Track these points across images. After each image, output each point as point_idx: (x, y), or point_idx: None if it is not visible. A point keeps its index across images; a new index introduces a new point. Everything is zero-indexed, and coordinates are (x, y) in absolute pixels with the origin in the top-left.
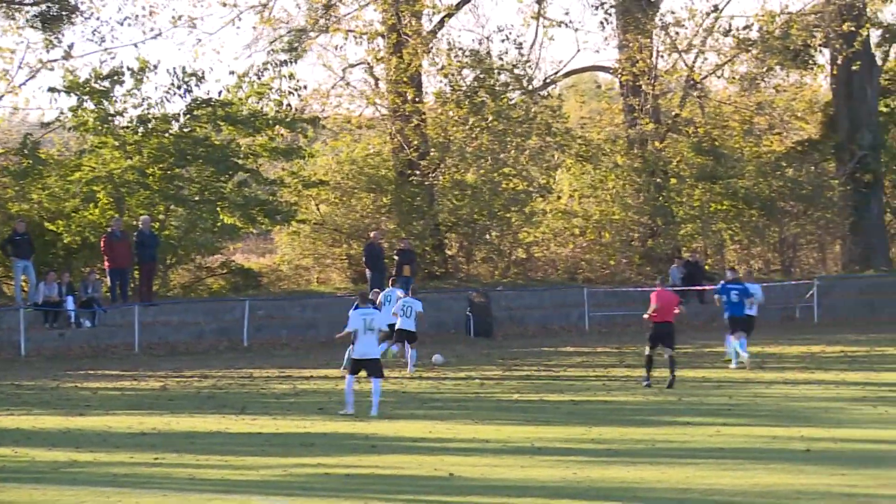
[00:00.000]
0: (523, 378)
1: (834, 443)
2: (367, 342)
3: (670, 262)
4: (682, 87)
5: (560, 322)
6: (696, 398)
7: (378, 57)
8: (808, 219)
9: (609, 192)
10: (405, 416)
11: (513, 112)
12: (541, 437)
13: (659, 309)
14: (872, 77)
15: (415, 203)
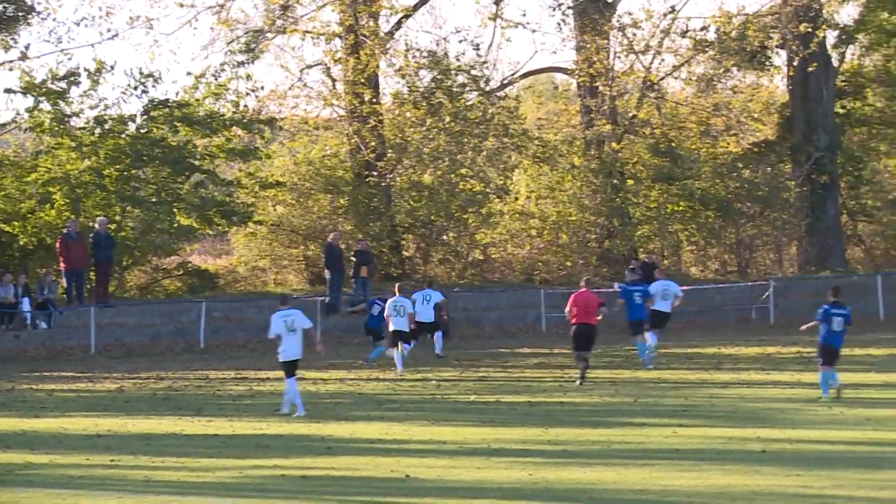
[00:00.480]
0: (480, 379)
1: (789, 444)
2: (291, 343)
3: (627, 263)
4: (639, 89)
5: (517, 323)
6: (653, 399)
7: (335, 58)
8: (764, 220)
9: (566, 194)
10: (361, 417)
11: (470, 113)
12: (497, 439)
13: (579, 311)
14: (829, 78)
15: (372, 204)
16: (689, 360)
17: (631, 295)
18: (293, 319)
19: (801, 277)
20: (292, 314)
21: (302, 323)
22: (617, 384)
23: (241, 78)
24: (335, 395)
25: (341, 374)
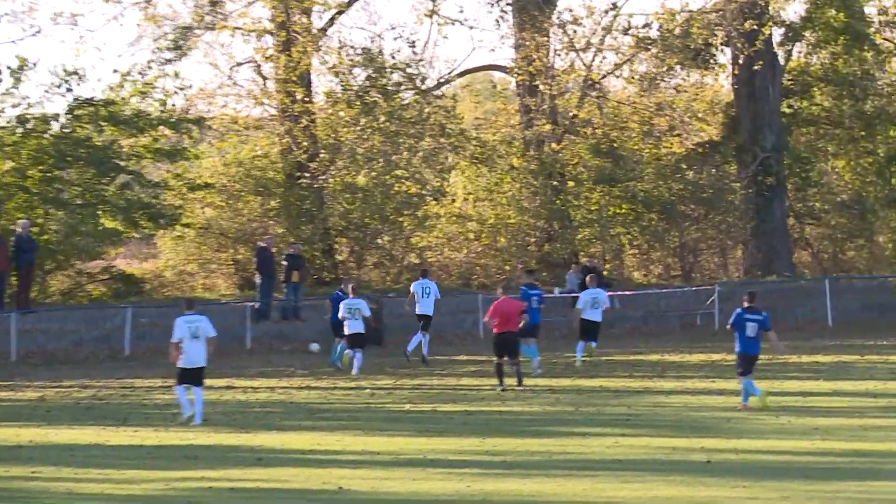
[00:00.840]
0: (415, 388)
1: (735, 454)
2: (193, 350)
3: (567, 268)
4: (580, 87)
5: (454, 329)
6: (594, 408)
7: (266, 55)
8: (708, 223)
9: (505, 196)
10: (292, 427)
11: (405, 112)
12: (433, 449)
13: (501, 319)
14: (775, 77)
15: (304, 206)
16: (632, 368)
17: (530, 299)
18: (198, 326)
19: (747, 282)
20: (198, 320)
21: (206, 331)
22: (557, 392)
23: (168, 76)
24: (265, 403)
25: (272, 382)
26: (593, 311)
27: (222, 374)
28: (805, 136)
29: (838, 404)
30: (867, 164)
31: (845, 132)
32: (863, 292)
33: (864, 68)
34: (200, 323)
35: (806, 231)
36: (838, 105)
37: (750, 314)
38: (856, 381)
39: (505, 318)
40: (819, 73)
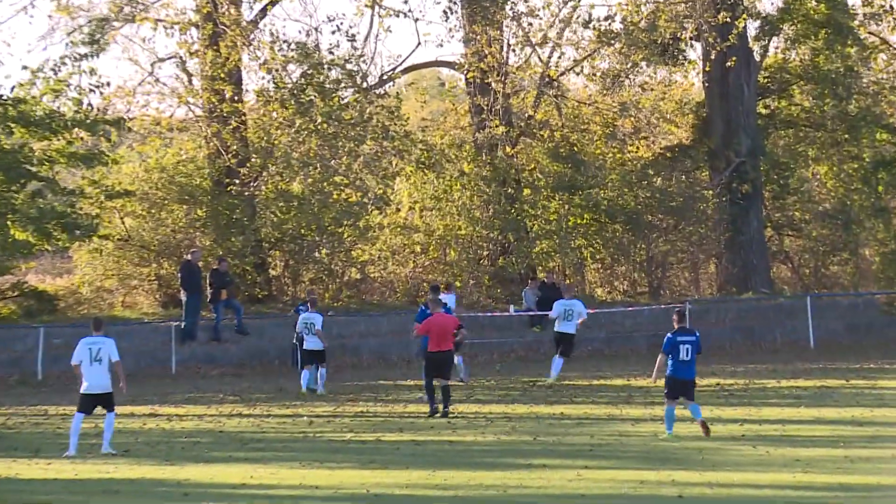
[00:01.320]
0: (357, 415)
1: (709, 488)
2: (95, 374)
3: (524, 284)
4: (537, 86)
5: (399, 351)
6: (554, 437)
7: (191, 50)
8: (678, 234)
9: (454, 204)
10: (223, 459)
11: (345, 113)
12: (378, 483)
13: (435, 336)
14: (750, 74)
15: (234, 216)
16: (596, 393)
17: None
18: (100, 348)
19: (721, 300)
20: (101, 342)
21: (110, 354)
22: (513, 420)
23: (83, 73)
24: (193, 433)
25: (200, 409)
26: (567, 322)
27: (145, 401)
28: (783, 139)
29: (821, 433)
30: (851, 171)
31: (827, 135)
32: (847, 311)
33: (848, 65)
34: (103, 345)
35: (785, 244)
36: (819, 105)
37: (682, 336)
38: (840, 409)
39: (440, 334)
40: (798, 71)
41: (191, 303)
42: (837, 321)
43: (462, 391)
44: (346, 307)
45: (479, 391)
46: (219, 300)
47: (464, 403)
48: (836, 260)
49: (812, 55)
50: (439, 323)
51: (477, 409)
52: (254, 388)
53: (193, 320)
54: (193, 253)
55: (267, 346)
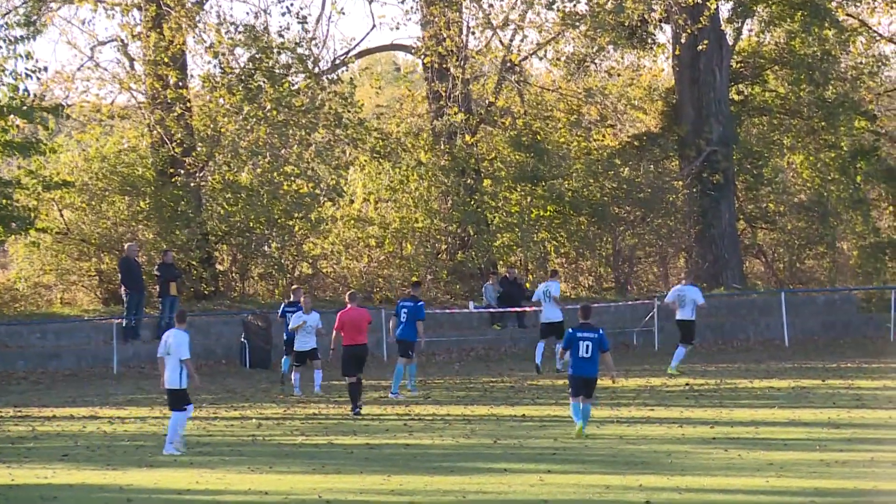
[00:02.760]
0: (309, 417)
1: (678, 493)
2: (167, 368)
3: (484, 279)
4: (498, 71)
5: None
6: (515, 440)
7: (134, 33)
8: (646, 227)
9: (411, 196)
10: (167, 463)
11: (296, 100)
12: (330, 488)
13: (348, 331)
14: (722, 59)
15: (178, 208)
16: (559, 394)
17: (399, 311)
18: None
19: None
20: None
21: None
22: (473, 422)
23: (19, 56)
24: (136, 436)
25: (143, 411)
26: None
27: (86, 402)
28: (757, 127)
29: (796, 436)
30: (828, 160)
31: (803, 123)
32: (824, 307)
33: (825, 49)
34: (174, 339)
35: (758, 237)
36: (795, 91)
37: (582, 332)
38: (816, 410)
39: (352, 329)
40: (773, 55)
41: (132, 299)
42: (813, 318)
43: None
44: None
45: (437, 392)
46: (167, 295)
47: (421, 405)
48: (811, 254)
49: (787, 38)
50: (351, 317)
51: (434, 410)
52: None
53: (136, 317)
54: (130, 248)
55: (214, 346)
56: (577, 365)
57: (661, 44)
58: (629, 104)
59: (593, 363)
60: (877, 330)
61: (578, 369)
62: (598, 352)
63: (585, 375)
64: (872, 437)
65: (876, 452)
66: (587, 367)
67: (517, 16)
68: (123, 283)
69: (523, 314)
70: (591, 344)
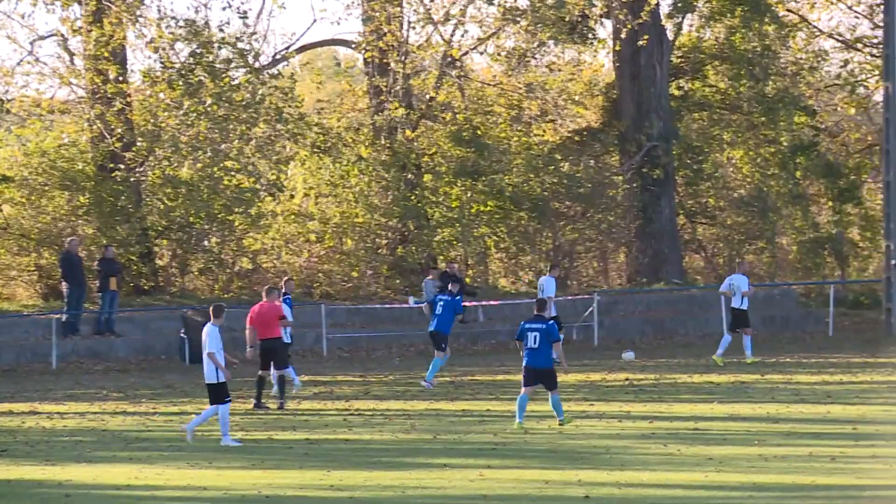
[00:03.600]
0: (248, 413)
1: (618, 488)
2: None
3: (424, 274)
4: (438, 66)
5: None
6: (456, 435)
7: (74, 28)
8: (587, 222)
9: (351, 191)
10: (106, 458)
11: (236, 94)
12: (270, 484)
13: (258, 325)
14: (663, 54)
15: (118, 203)
16: (499, 389)
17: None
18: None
19: (631, 291)
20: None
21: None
22: (412, 417)
23: None
24: (75, 432)
25: (82, 406)
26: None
27: (24, 398)
28: (697, 122)
29: (735, 430)
30: (768, 155)
31: (743, 118)
32: (763, 303)
33: (765, 44)
34: (205, 333)
35: (698, 232)
36: (735, 87)
37: (531, 323)
38: (755, 404)
39: (262, 323)
40: (713, 50)
41: (72, 294)
42: (752, 313)
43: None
44: (237, 299)
45: (377, 386)
46: (107, 290)
47: (360, 400)
48: (751, 249)
49: (728, 34)
50: (260, 312)
51: (374, 405)
52: (139, 384)
53: (76, 313)
54: (72, 242)
55: (153, 341)
56: (528, 355)
57: (602, 39)
58: (570, 99)
59: (543, 354)
60: (816, 324)
61: (529, 360)
62: (546, 342)
63: (535, 366)
64: (811, 432)
65: (814, 447)
66: (536, 357)
67: (458, 11)
68: (64, 278)
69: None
70: (539, 335)
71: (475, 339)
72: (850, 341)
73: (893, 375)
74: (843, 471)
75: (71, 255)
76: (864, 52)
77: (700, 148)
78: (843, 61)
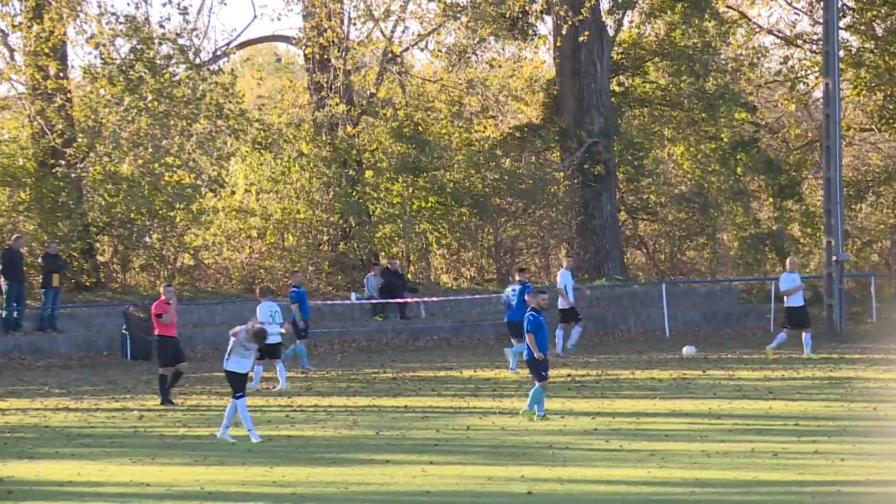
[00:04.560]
0: (191, 409)
1: (560, 484)
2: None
3: (366, 270)
4: (379, 62)
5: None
6: (398, 432)
7: (14, 24)
8: (528, 218)
9: (293, 187)
10: (48, 455)
11: (177, 90)
12: (213, 480)
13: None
14: (603, 50)
15: (59, 199)
16: (441, 385)
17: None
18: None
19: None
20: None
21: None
22: (355, 413)
23: None
24: (17, 428)
25: (24, 402)
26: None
27: None
28: (638, 118)
29: (677, 426)
30: (709, 151)
31: (684, 114)
32: (704, 298)
33: (705, 41)
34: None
35: (640, 228)
36: (676, 83)
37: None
38: (697, 400)
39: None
40: (654, 47)
41: (13, 290)
42: (694, 309)
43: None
44: (178, 295)
45: (320, 383)
46: (50, 286)
47: (303, 396)
48: (692, 245)
49: (668, 30)
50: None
51: (317, 401)
52: (81, 380)
53: (20, 309)
54: (16, 239)
55: (95, 337)
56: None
57: (543, 35)
58: (510, 95)
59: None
60: (757, 321)
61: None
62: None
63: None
64: (753, 428)
65: (756, 443)
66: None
67: (398, 6)
68: (3, 274)
69: (405, 305)
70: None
71: (417, 335)
72: (791, 337)
73: (835, 371)
74: (785, 467)
75: (13, 251)
76: (804, 49)
77: (641, 144)
78: (783, 58)
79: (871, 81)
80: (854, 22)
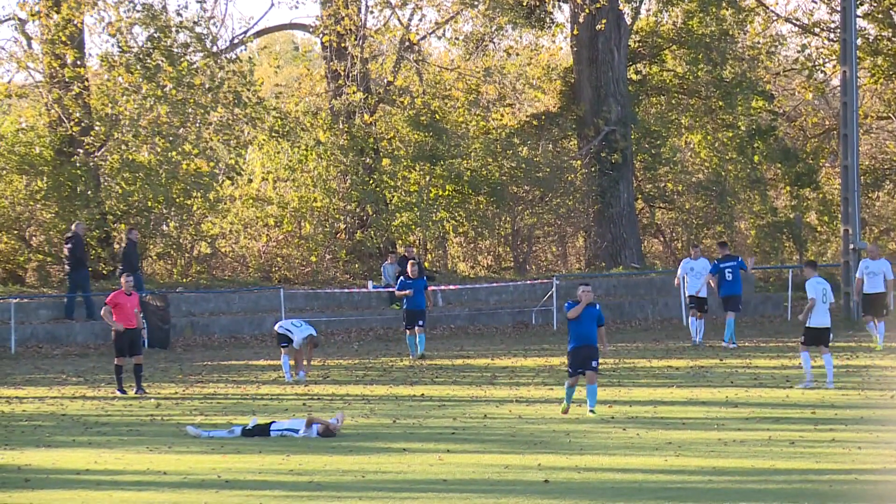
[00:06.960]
0: (208, 397)
1: (577, 472)
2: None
3: (383, 258)
4: (396, 50)
5: (251, 330)
6: (415, 420)
7: (32, 12)
8: (545, 207)
9: (310, 175)
10: (66, 443)
11: (194, 79)
12: (229, 468)
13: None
14: (620, 38)
15: (77, 188)
16: (458, 374)
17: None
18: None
19: (590, 275)
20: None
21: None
22: (372, 402)
23: None
24: (33, 416)
25: (41, 391)
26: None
27: None
28: (655, 106)
29: (694, 415)
30: (726, 140)
31: (701, 102)
32: None
33: (723, 28)
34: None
35: (657, 216)
36: (693, 71)
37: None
38: (714, 389)
39: (125, 311)
40: (671, 35)
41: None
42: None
43: (318, 371)
44: (195, 283)
45: (336, 371)
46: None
47: (320, 384)
48: (709, 233)
49: (685, 18)
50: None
51: (334, 390)
52: (98, 368)
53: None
54: (78, 225)
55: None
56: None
57: (560, 23)
58: (528, 84)
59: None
60: (774, 309)
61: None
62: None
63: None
64: (770, 416)
65: (773, 431)
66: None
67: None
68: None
69: None
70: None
71: (434, 324)
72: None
73: (852, 360)
74: (802, 455)
75: (79, 237)
76: (821, 37)
77: (658, 132)
78: (800, 46)
79: (889, 69)
80: (872, 10)
